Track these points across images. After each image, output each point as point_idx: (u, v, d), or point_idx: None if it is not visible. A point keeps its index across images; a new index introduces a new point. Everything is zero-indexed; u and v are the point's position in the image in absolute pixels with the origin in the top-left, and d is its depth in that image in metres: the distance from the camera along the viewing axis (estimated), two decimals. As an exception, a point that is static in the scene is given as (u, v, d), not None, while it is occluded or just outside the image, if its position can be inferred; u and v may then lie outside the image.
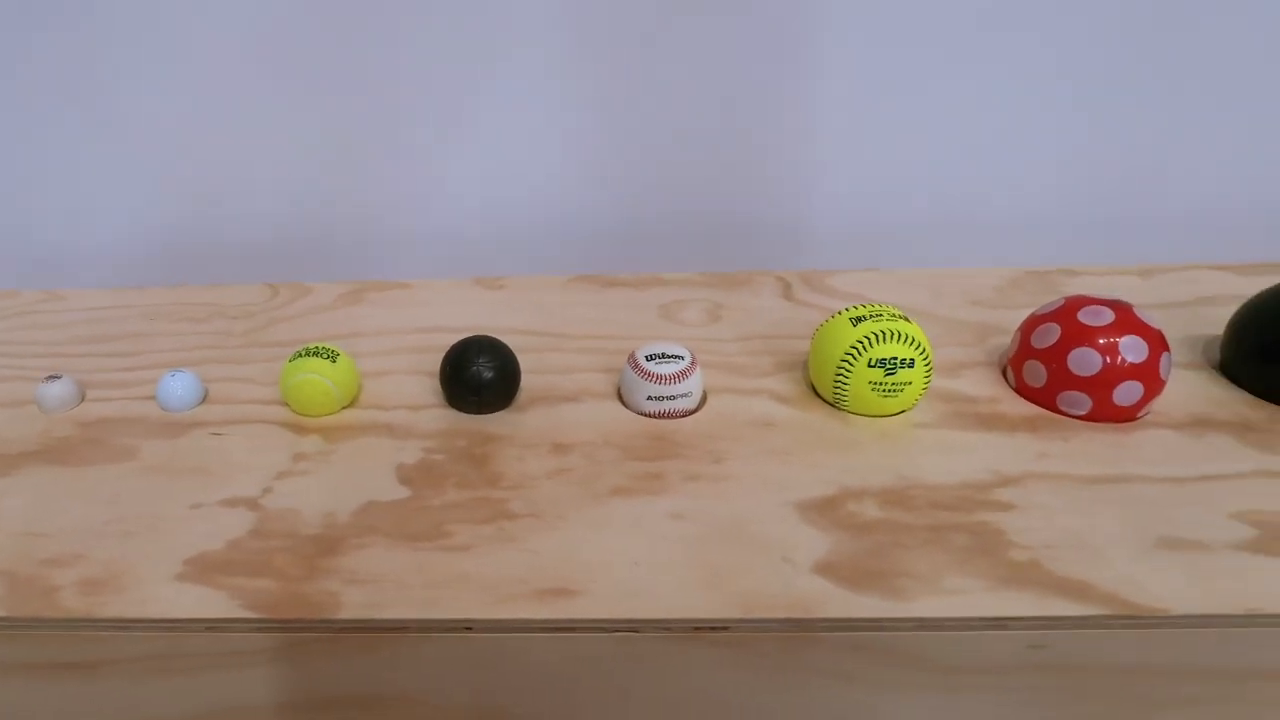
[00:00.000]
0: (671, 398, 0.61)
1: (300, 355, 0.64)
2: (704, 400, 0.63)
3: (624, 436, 0.60)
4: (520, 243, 0.95)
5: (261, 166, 0.92)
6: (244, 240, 0.97)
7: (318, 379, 0.63)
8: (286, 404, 0.65)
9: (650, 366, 0.61)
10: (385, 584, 0.49)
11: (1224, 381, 0.61)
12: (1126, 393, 0.56)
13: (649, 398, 0.61)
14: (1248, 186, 0.85)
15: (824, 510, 0.52)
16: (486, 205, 0.94)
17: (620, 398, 0.64)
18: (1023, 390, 0.61)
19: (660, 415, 0.62)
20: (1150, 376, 0.55)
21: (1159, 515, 0.50)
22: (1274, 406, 0.58)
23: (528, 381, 0.66)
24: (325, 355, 0.64)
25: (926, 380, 0.58)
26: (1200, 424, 0.57)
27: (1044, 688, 0.46)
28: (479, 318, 0.76)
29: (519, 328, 0.74)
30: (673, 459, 0.57)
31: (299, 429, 0.63)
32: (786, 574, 0.47)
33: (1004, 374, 0.64)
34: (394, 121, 0.89)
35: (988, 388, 0.62)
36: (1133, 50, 0.81)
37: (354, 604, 0.47)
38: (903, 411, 0.60)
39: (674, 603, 0.46)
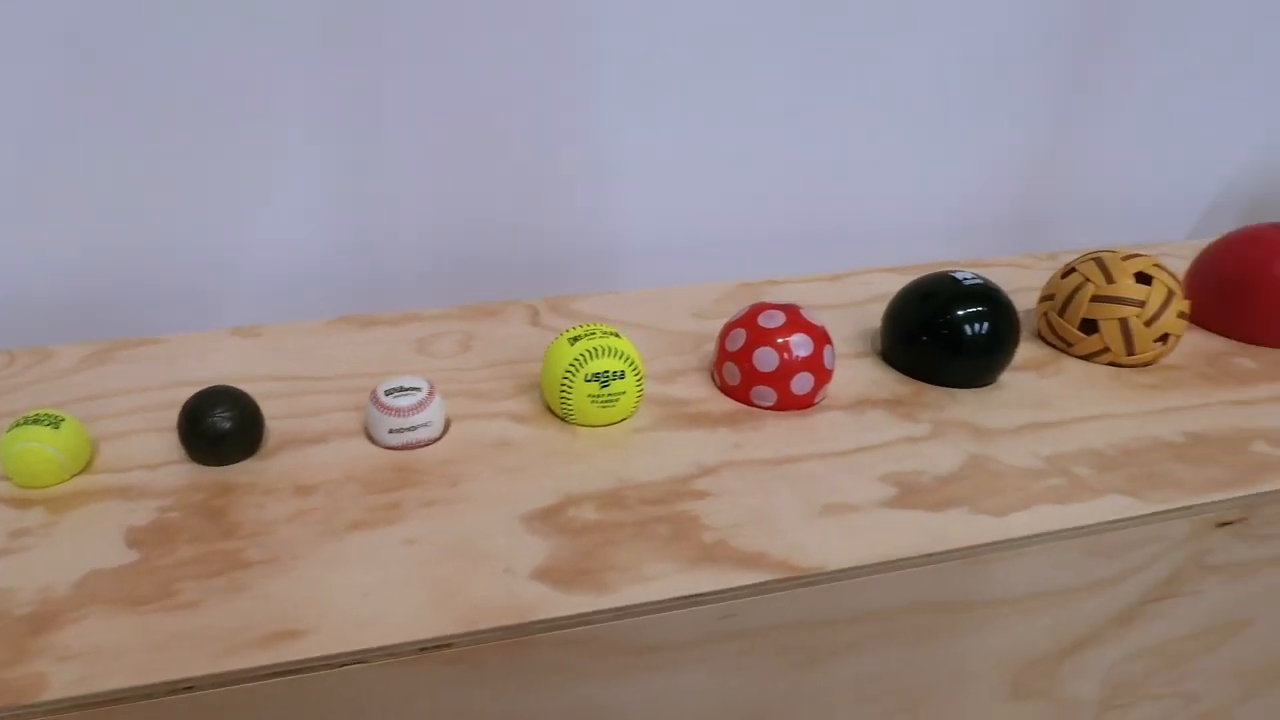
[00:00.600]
0: (412, 429, 0.59)
1: (19, 424, 0.57)
2: (447, 428, 0.62)
3: (367, 471, 0.58)
4: (285, 290, 0.90)
5: (6, 227, 0.81)
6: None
7: (38, 448, 0.56)
8: (8, 478, 0.58)
9: (389, 401, 0.59)
10: (102, 655, 0.44)
11: (884, 365, 0.67)
12: (801, 383, 0.60)
13: (390, 431, 0.59)
14: (909, 197, 0.94)
15: (546, 519, 0.52)
16: (250, 255, 0.88)
17: (367, 434, 0.62)
18: (725, 389, 0.64)
19: (404, 447, 0.60)
20: (818, 367, 0.60)
21: (825, 486, 0.54)
22: (918, 382, 0.65)
23: (276, 426, 0.62)
24: (47, 422, 0.57)
25: (639, 389, 0.60)
26: (863, 403, 0.63)
27: (738, 652, 0.49)
28: (233, 368, 0.71)
29: (273, 374, 0.70)
30: (412, 487, 0.56)
31: (22, 503, 0.56)
32: (507, 584, 0.47)
33: (712, 376, 0.67)
34: (150, 175, 0.81)
35: (699, 390, 0.65)
36: (817, 87, 0.88)
37: (63, 682, 0.42)
38: (624, 419, 0.62)
39: (402, 627, 0.45)
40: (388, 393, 0.60)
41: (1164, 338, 0.65)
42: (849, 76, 0.88)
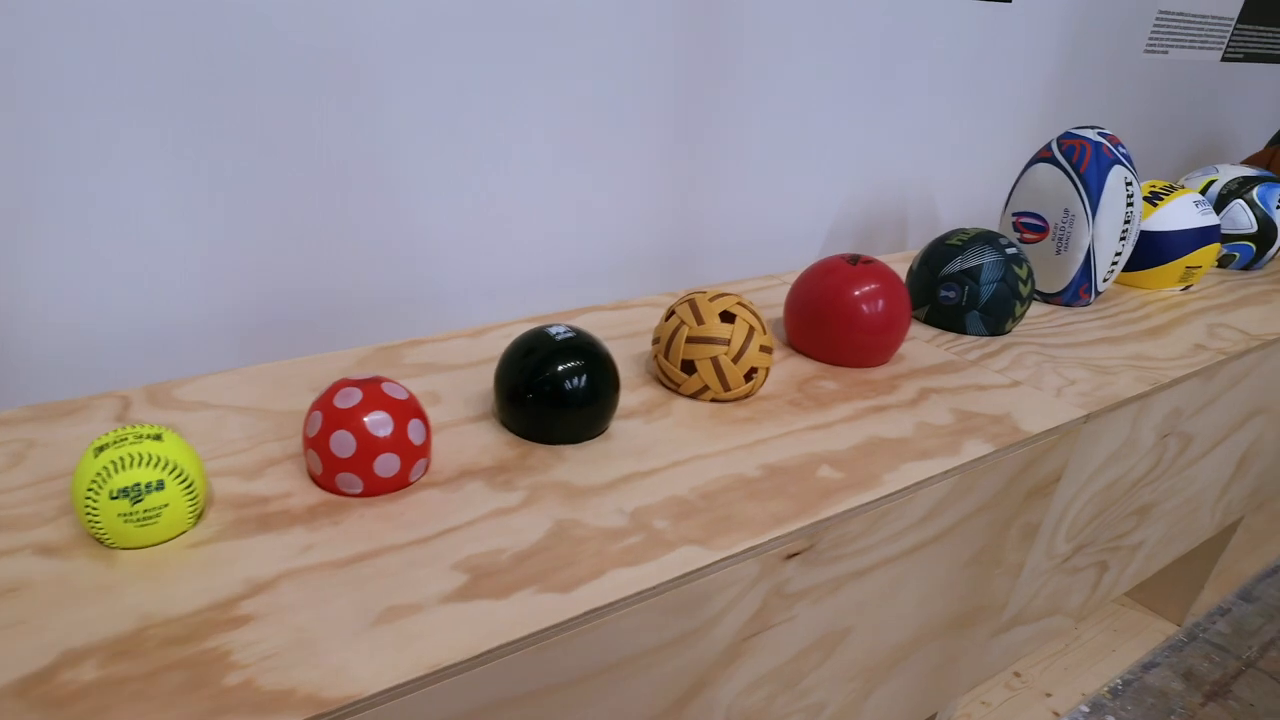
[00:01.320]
0: None
1: None
2: (-59, 578, 0.46)
3: None
4: None
5: None
6: None
7: None
8: None
9: None
10: None
11: (500, 427, 0.60)
12: (386, 465, 0.51)
13: None
14: (544, 249, 0.90)
15: (26, 692, 0.39)
16: None
17: None
18: (314, 478, 0.54)
19: None
20: (403, 445, 0.52)
21: (393, 584, 0.45)
22: (529, 443, 0.58)
23: None
24: None
25: (190, 497, 0.48)
26: (465, 475, 0.55)
27: (268, 812, 0.38)
28: None
29: None
30: None
31: None
32: (-74, 805, 0.33)
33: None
34: None
35: (288, 482, 0.54)
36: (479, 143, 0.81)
37: None
38: (180, 534, 0.49)
39: None
40: None
41: (752, 372, 0.64)
42: (504, 129, 0.81)
